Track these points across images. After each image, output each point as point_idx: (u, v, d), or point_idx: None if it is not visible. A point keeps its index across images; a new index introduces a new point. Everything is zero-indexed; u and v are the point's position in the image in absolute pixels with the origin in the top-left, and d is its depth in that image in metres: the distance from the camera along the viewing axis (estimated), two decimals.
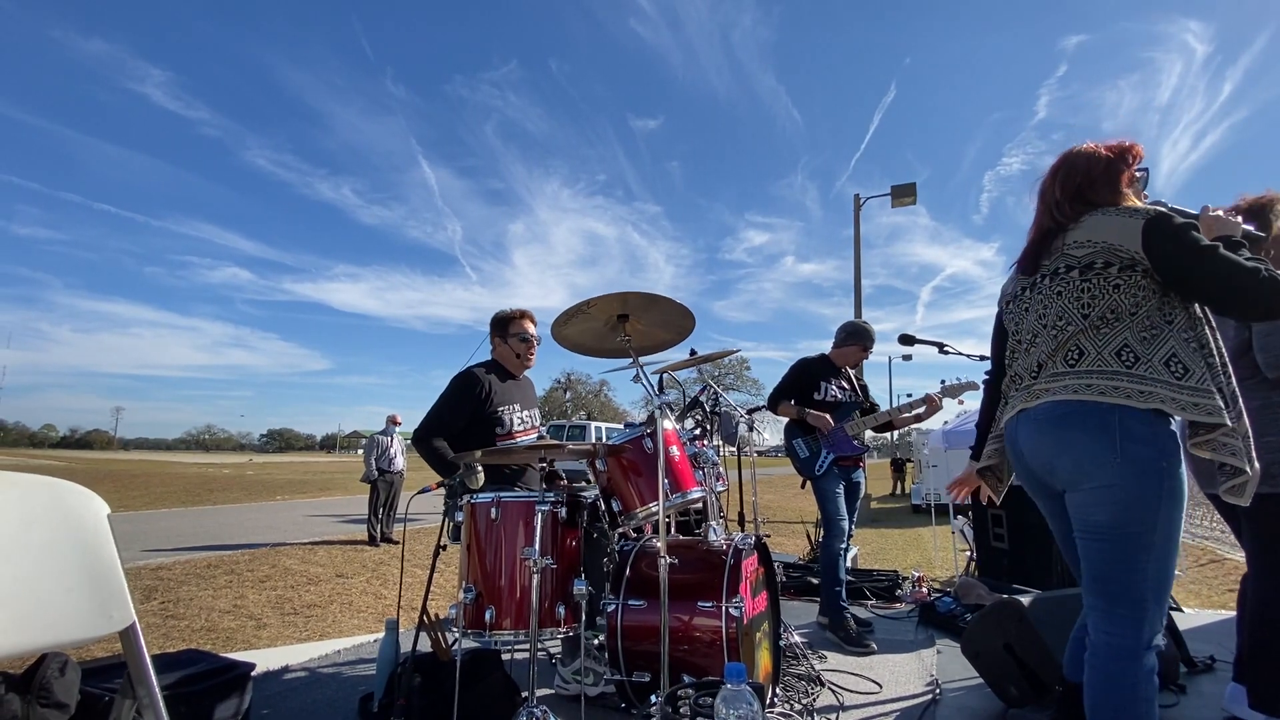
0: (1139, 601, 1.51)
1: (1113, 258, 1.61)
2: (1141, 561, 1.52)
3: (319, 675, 3.04)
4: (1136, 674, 1.50)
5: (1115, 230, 1.61)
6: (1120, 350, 1.57)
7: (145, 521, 10.67)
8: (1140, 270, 1.58)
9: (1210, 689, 2.70)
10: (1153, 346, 1.56)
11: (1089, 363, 1.61)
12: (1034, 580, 4.08)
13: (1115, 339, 1.59)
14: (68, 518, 0.99)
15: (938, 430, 10.51)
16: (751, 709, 1.19)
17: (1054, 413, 1.65)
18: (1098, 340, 1.61)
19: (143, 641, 1.05)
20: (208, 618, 4.66)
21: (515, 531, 2.13)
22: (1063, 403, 1.62)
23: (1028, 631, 2.39)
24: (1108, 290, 1.61)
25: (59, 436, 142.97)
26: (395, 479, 8.88)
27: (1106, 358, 1.58)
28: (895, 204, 14.79)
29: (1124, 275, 1.59)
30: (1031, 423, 1.71)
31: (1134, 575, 1.52)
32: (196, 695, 2.00)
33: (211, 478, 24.25)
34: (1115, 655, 1.53)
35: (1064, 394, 1.62)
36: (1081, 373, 1.61)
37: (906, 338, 3.60)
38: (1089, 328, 1.62)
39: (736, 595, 2.19)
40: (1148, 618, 1.51)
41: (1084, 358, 1.62)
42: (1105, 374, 1.57)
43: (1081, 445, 1.59)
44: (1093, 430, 1.56)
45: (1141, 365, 1.55)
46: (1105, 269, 1.61)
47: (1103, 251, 1.62)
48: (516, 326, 3.01)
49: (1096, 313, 1.62)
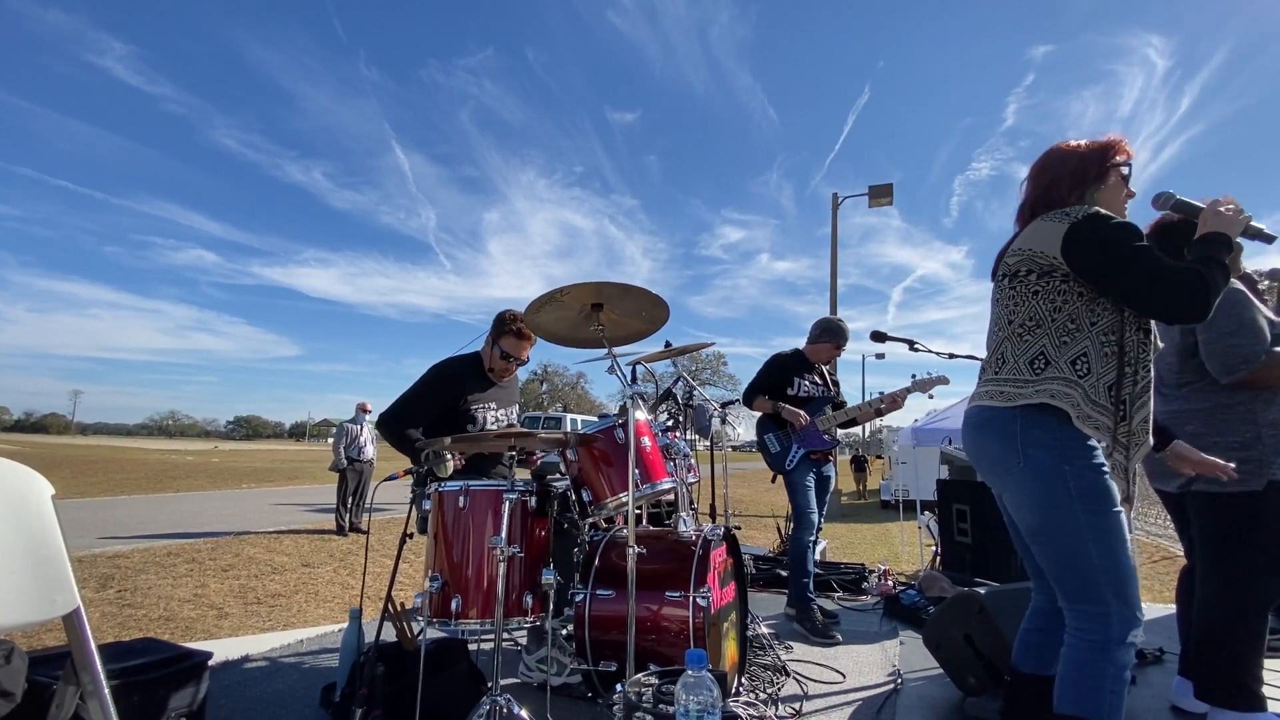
0: (1097, 596, 1.53)
1: (1032, 264, 1.65)
2: (1082, 558, 1.53)
3: (281, 665, 2.98)
4: (1104, 668, 1.52)
5: (1040, 236, 1.64)
6: (1035, 358, 1.62)
7: (103, 508, 10.36)
8: (1059, 275, 1.61)
9: (1159, 680, 2.81)
10: (1065, 350, 1.59)
11: (1008, 370, 1.67)
12: (996, 574, 4.19)
13: (1033, 346, 1.63)
14: (9, 498, 0.96)
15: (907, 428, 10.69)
16: (711, 695, 1.19)
17: (975, 418, 1.72)
18: (1018, 348, 1.66)
19: (88, 627, 1.01)
20: (166, 606, 4.55)
21: (483, 520, 2.11)
22: (982, 409, 1.70)
23: (987, 623, 2.45)
24: (1027, 297, 1.66)
25: (13, 420, 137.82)
26: (365, 468, 8.76)
27: (1021, 366, 1.64)
28: (872, 204, 14.98)
29: (1042, 282, 1.63)
30: (966, 426, 1.78)
31: (1081, 572, 1.54)
32: (149, 684, 1.94)
33: (175, 465, 23.63)
34: (1083, 648, 1.55)
35: (983, 400, 1.69)
36: (1001, 379, 1.67)
37: (878, 335, 3.65)
38: (1012, 335, 1.68)
39: (704, 585, 2.20)
40: (1111, 611, 1.52)
41: (1004, 365, 1.68)
42: (1017, 381, 1.63)
43: (993, 451, 1.65)
44: (1000, 437, 1.62)
45: (1049, 370, 1.59)
46: (1026, 276, 1.66)
47: (1025, 259, 1.66)
48: (509, 344, 2.86)
49: (1018, 320, 1.67)
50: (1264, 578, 2.15)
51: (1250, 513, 2.14)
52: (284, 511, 10.77)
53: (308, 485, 16.68)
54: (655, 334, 2.63)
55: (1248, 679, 2.14)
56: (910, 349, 3.52)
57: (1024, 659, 1.85)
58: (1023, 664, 1.86)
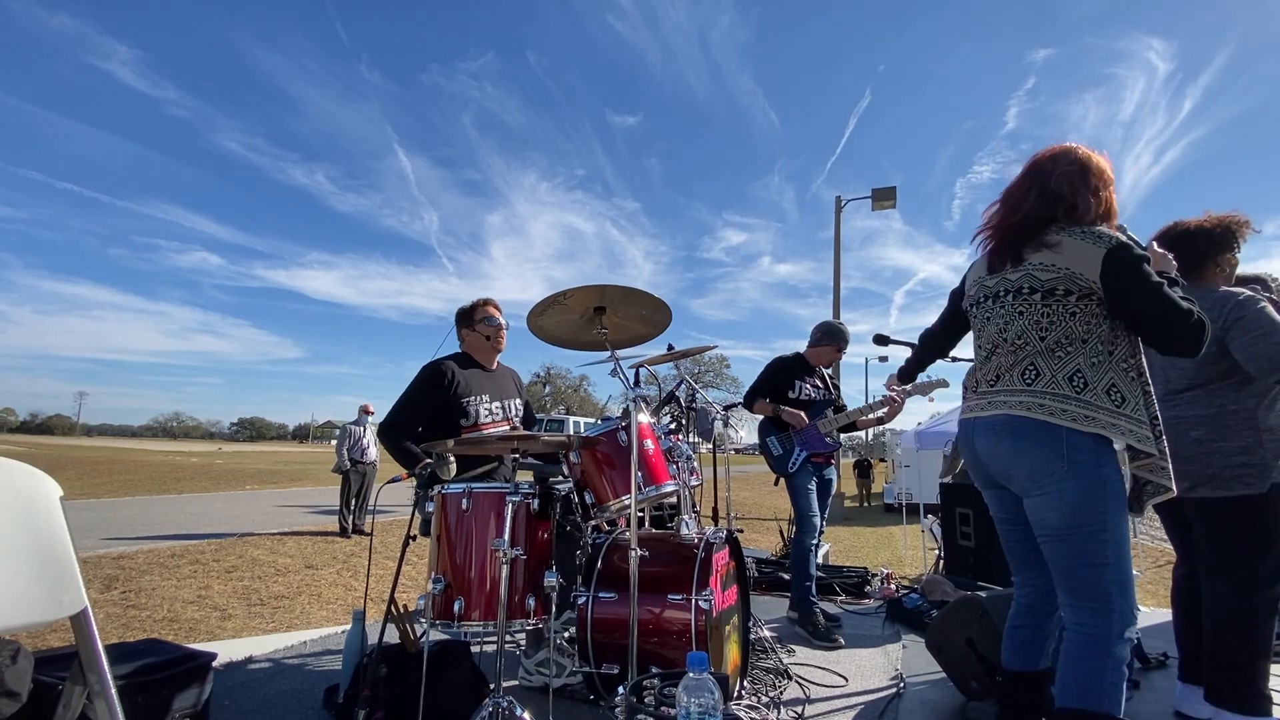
0: (1104, 594, 1.62)
1: (1073, 286, 1.71)
2: (1100, 559, 1.63)
3: (284, 666, 2.99)
4: (1105, 662, 1.59)
5: (1078, 257, 1.70)
6: (1072, 375, 1.70)
7: (107, 509, 10.40)
8: (1095, 300, 1.70)
9: (1163, 684, 2.80)
10: (1098, 373, 1.69)
11: (1044, 384, 1.73)
12: (999, 578, 4.17)
13: (1069, 364, 1.71)
14: (18, 499, 0.97)
15: (910, 431, 10.68)
16: (713, 697, 1.20)
17: (1009, 425, 1.77)
18: (1052, 363, 1.73)
19: (95, 627, 1.02)
20: (170, 608, 4.56)
21: (486, 522, 2.12)
22: (1018, 418, 1.75)
23: (989, 627, 2.44)
24: (1065, 317, 1.72)
25: (18, 421, 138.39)
26: (367, 470, 8.77)
27: (1060, 381, 1.71)
28: (876, 207, 14.98)
29: (1081, 304, 1.71)
30: (989, 431, 1.83)
31: (1095, 570, 1.63)
32: (154, 685, 1.95)
33: (179, 466, 23.69)
34: (1086, 643, 1.63)
35: (1019, 410, 1.74)
36: (1037, 392, 1.73)
37: (881, 338, 3.64)
38: (1045, 350, 1.74)
39: (707, 588, 2.21)
40: (1115, 609, 1.61)
41: (1039, 378, 1.74)
42: (1057, 396, 1.70)
43: (1035, 456, 1.71)
44: (1044, 444, 1.69)
45: (1088, 391, 1.68)
46: (1065, 296, 1.72)
47: (1064, 279, 1.71)
48: (482, 313, 3.03)
49: (1053, 337, 1.73)
50: (1270, 580, 2.14)
51: (1254, 516, 2.14)
52: (287, 513, 10.79)
53: (311, 487, 16.71)
54: (658, 337, 2.64)
55: (1257, 682, 2.13)
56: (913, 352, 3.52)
57: (1013, 658, 1.95)
58: (1013, 663, 1.95)
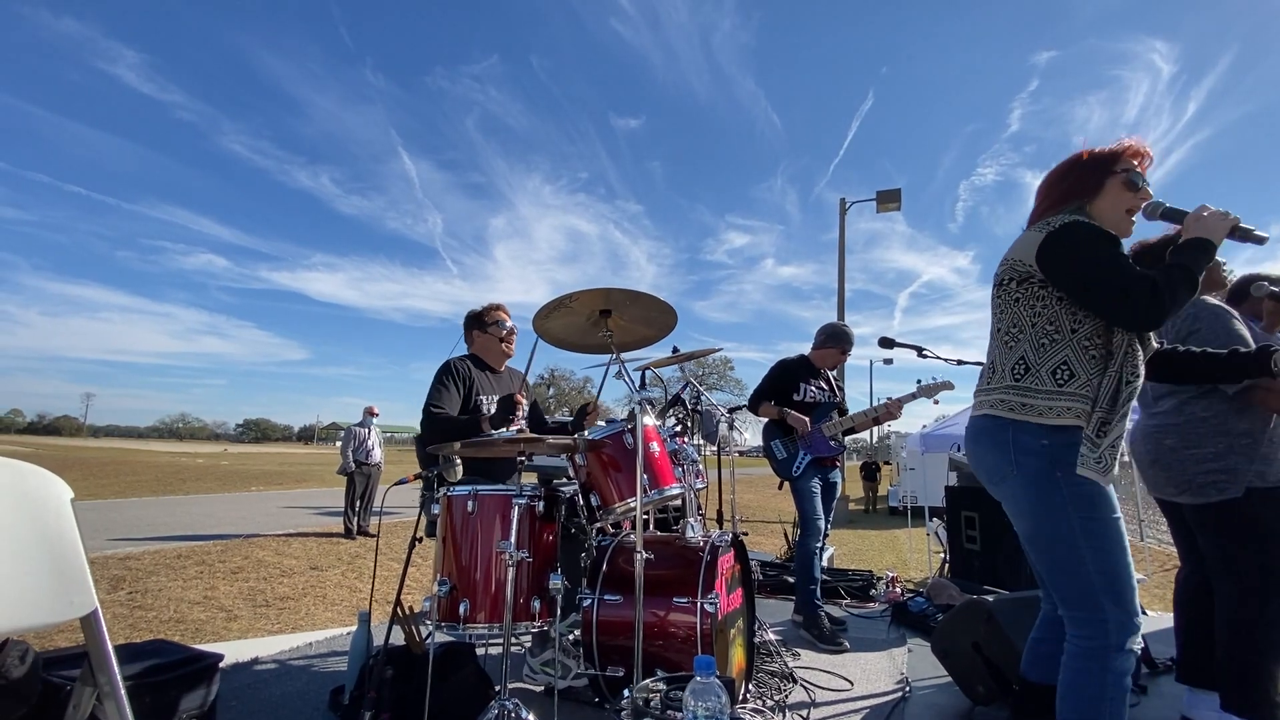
0: (1092, 603, 1.52)
1: (1013, 272, 1.67)
2: (1074, 564, 1.53)
3: (290, 667, 3.00)
4: (1103, 676, 1.50)
5: (1022, 245, 1.66)
6: (1015, 364, 1.64)
7: (114, 510, 10.44)
8: (1036, 282, 1.63)
9: (1170, 690, 2.77)
10: (1046, 355, 1.60)
11: (998, 379, 1.68)
12: (1005, 581, 4.15)
13: (1015, 353, 1.65)
14: (28, 500, 0.97)
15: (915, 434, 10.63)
16: (719, 702, 1.20)
17: (972, 428, 1.74)
18: (1004, 355, 1.68)
19: (105, 628, 1.03)
20: (177, 609, 4.58)
21: (492, 525, 2.12)
22: (978, 418, 1.71)
23: (995, 631, 2.43)
24: (1010, 304, 1.68)
25: (26, 422, 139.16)
26: (372, 471, 8.79)
27: (1006, 373, 1.66)
28: (880, 209, 14.96)
29: (1022, 289, 1.65)
30: (965, 437, 1.80)
31: (1074, 579, 1.54)
32: (161, 685, 1.96)
33: (184, 467, 23.79)
34: (1082, 656, 1.54)
35: (978, 409, 1.71)
36: (992, 389, 1.69)
37: (886, 341, 3.63)
38: (999, 343, 1.70)
39: (712, 591, 2.20)
40: (1108, 619, 1.51)
41: (995, 374, 1.70)
42: (1005, 389, 1.65)
43: (989, 460, 1.67)
44: (995, 446, 1.64)
45: (1029, 377, 1.61)
46: (1008, 284, 1.68)
47: (1009, 268, 1.69)
48: (493, 317, 3.07)
49: (1003, 328, 1.69)
50: (1275, 581, 2.13)
51: (1238, 521, 2.14)
52: (292, 514, 10.82)
53: (316, 488, 16.74)
54: (663, 340, 2.64)
55: (1267, 689, 2.11)
56: (919, 355, 3.51)
57: (1032, 668, 1.85)
58: (1031, 673, 1.85)
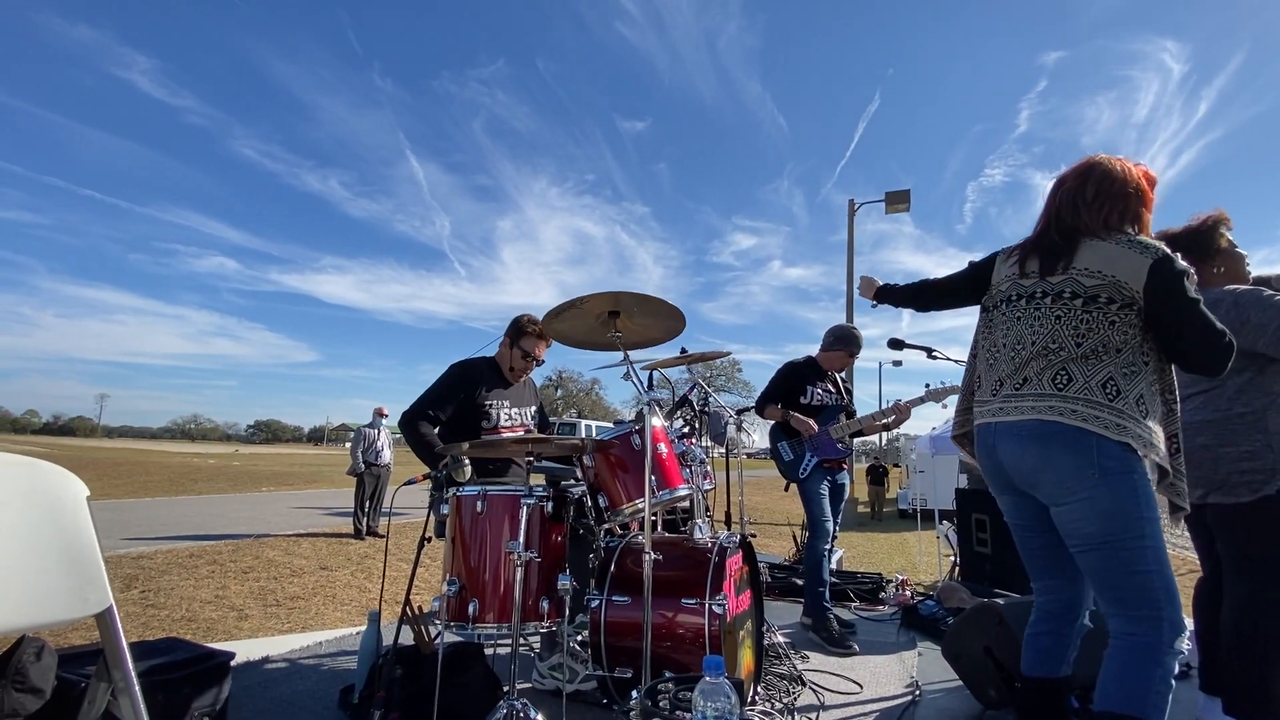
0: (1153, 602, 1.57)
1: (1116, 294, 1.70)
2: (1142, 565, 1.59)
3: (300, 666, 3.02)
4: (1153, 672, 1.54)
5: (1124, 266, 1.69)
6: (1105, 383, 1.68)
7: (127, 510, 10.55)
8: (1135, 310, 1.69)
9: (1185, 695, 2.73)
10: (1131, 383, 1.68)
11: (1076, 390, 1.70)
12: (1016, 585, 4.11)
13: (1102, 371, 1.69)
14: (46, 499, 0.98)
15: (925, 436, 10.56)
16: (729, 702, 1.19)
17: (1038, 430, 1.73)
18: (1086, 370, 1.70)
19: (120, 626, 1.04)
20: (189, 607, 4.62)
21: (500, 525, 2.13)
22: (1048, 422, 1.71)
23: (1007, 634, 2.41)
24: (1104, 325, 1.70)
25: (41, 423, 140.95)
26: (382, 472, 8.84)
27: (1093, 388, 1.68)
28: (889, 210, 14.90)
29: (1121, 313, 1.69)
30: (1013, 436, 1.78)
31: (1138, 577, 1.59)
32: (174, 683, 1.98)
33: (196, 467, 24.00)
34: (1136, 650, 1.58)
35: (1049, 414, 1.71)
36: (1068, 397, 1.70)
37: (895, 342, 3.60)
38: (1079, 357, 1.71)
39: (720, 593, 2.20)
40: (1164, 615, 1.56)
41: (1072, 384, 1.71)
42: (1090, 403, 1.67)
43: (1064, 462, 1.68)
44: (1075, 451, 1.66)
45: (1120, 400, 1.66)
46: (1107, 305, 1.70)
47: (1109, 287, 1.70)
48: (528, 343, 3.05)
49: (1089, 344, 1.71)
50: None
51: (1269, 521, 2.10)
52: (302, 515, 10.89)
53: (326, 489, 16.85)
54: (671, 341, 2.64)
55: (1277, 693, 2.09)
56: (928, 356, 3.49)
57: (1033, 664, 1.90)
58: (1032, 669, 1.90)
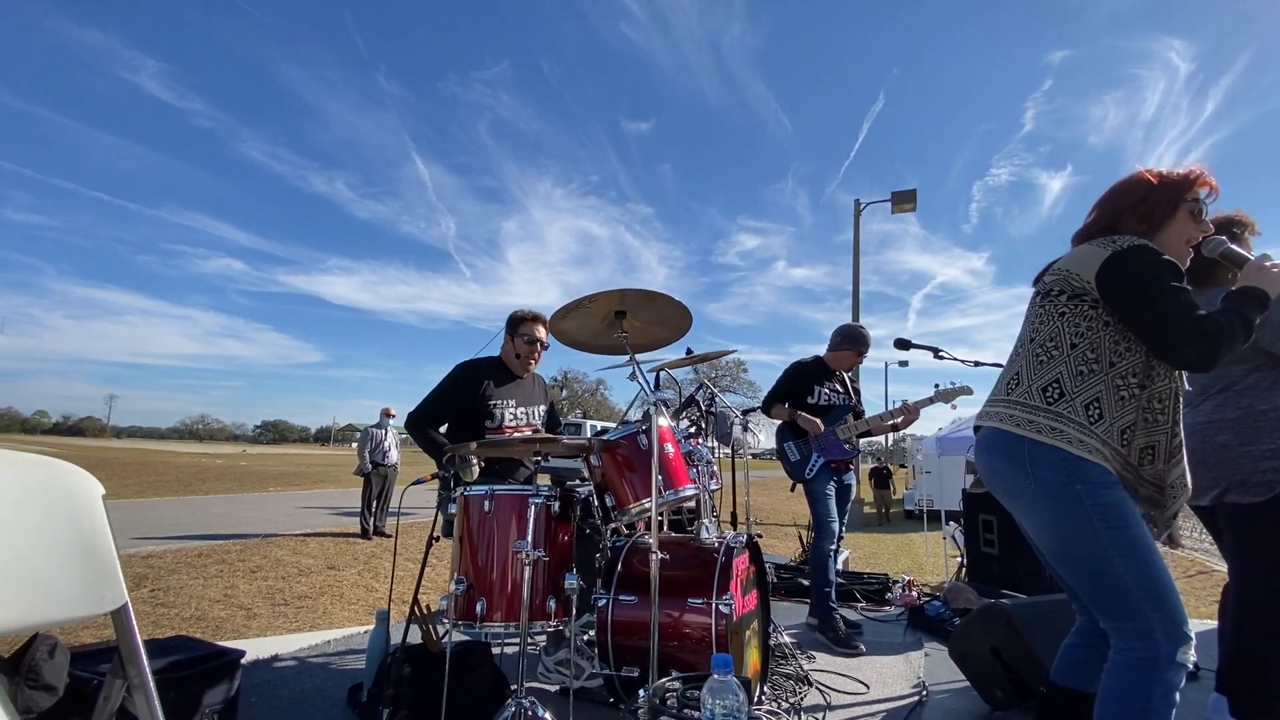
0: (1134, 613, 1.45)
1: (1066, 285, 1.58)
2: (1111, 576, 1.47)
3: (309, 665, 3.04)
4: (1151, 688, 1.43)
5: (1082, 259, 1.57)
6: (1048, 386, 1.56)
7: (137, 509, 10.63)
8: (1088, 301, 1.55)
9: (1195, 697, 2.72)
10: (1081, 384, 1.53)
11: (1020, 393, 1.60)
12: (1023, 585, 4.10)
13: (1049, 372, 1.57)
14: (62, 497, 1.00)
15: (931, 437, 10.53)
16: (738, 699, 1.20)
17: (986, 439, 1.66)
18: (1034, 370, 1.60)
19: (135, 623, 1.05)
20: (198, 606, 4.65)
21: (508, 524, 2.14)
22: (991, 430, 1.64)
23: (1014, 635, 2.41)
24: (1053, 317, 1.59)
25: (51, 423, 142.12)
26: (389, 472, 8.87)
27: (1034, 391, 1.57)
28: (895, 210, 14.83)
29: (1071, 304, 1.56)
30: (977, 447, 1.72)
31: (1112, 591, 1.48)
32: (184, 680, 1.99)
33: (204, 468, 24.15)
34: (1130, 666, 1.47)
35: (992, 421, 1.64)
36: (1012, 401, 1.61)
37: (902, 342, 3.61)
38: (1030, 355, 1.62)
39: (727, 593, 2.20)
40: (1153, 628, 1.43)
41: (1018, 386, 1.62)
42: (1026, 407, 1.57)
43: (1004, 473, 1.60)
44: (1009, 459, 1.57)
45: (1062, 403, 1.53)
46: (1057, 296, 1.59)
47: (1061, 279, 1.60)
48: (525, 328, 3.07)
49: (1039, 340, 1.61)
50: None
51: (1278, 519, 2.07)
52: (310, 514, 10.95)
53: (333, 489, 16.92)
54: (677, 341, 2.65)
55: None
56: (935, 357, 3.49)
57: (1063, 673, 1.77)
58: (1061, 677, 1.77)
